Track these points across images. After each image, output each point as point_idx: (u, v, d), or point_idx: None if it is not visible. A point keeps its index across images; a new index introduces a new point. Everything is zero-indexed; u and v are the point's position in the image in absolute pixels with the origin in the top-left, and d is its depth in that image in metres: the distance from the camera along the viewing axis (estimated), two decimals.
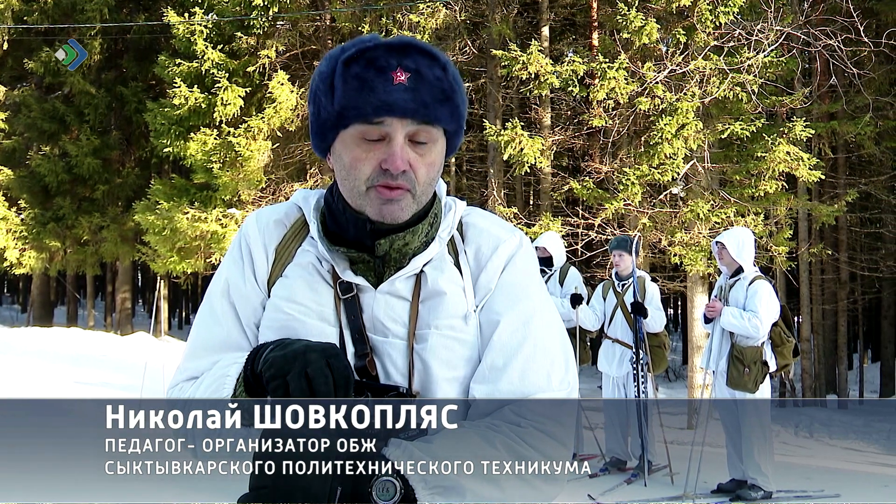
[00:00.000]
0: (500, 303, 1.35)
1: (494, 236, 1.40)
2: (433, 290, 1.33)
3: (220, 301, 1.38)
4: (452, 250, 1.38)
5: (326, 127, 1.29)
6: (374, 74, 1.24)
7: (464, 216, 1.42)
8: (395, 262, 1.33)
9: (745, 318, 6.19)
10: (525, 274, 1.39)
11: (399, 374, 1.30)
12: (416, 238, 1.32)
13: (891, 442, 10.06)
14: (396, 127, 1.24)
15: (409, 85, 1.24)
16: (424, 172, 1.28)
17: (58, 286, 26.89)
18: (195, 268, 14.97)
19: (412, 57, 1.26)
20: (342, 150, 1.29)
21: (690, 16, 10.59)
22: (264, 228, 1.40)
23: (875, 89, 12.29)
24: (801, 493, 6.65)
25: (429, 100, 1.25)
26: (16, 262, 20.34)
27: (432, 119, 1.27)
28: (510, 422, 1.24)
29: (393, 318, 1.31)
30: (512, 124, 10.67)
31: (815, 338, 15.46)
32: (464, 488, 1.17)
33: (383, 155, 1.25)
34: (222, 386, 1.25)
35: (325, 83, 1.28)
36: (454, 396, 1.30)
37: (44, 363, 11.50)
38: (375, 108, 1.23)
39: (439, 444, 1.18)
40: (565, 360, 1.35)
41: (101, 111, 20.27)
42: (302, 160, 14.76)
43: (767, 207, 11.16)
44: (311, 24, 14.72)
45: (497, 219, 1.46)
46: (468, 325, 1.33)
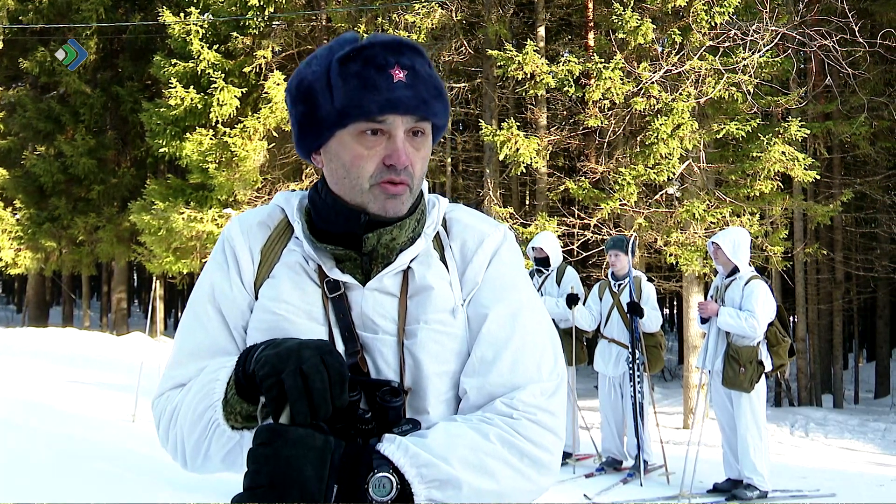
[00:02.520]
0: (488, 296, 1.36)
1: (479, 231, 1.42)
2: (421, 286, 1.33)
3: (204, 307, 1.37)
4: (438, 246, 1.40)
5: (324, 125, 1.29)
6: (375, 72, 1.25)
7: (447, 212, 1.45)
8: (383, 259, 1.34)
9: (741, 318, 6.20)
10: (511, 267, 1.41)
11: (390, 370, 1.30)
12: (403, 233, 1.33)
13: (886, 441, 10.09)
14: (398, 124, 1.26)
15: (407, 82, 1.26)
16: (420, 167, 1.31)
17: (53, 286, 26.81)
18: (191, 268, 14.95)
19: (407, 55, 1.28)
20: (340, 148, 1.29)
21: (686, 16, 10.61)
22: (248, 231, 1.40)
23: (870, 90, 12.32)
24: (797, 492, 6.66)
25: (426, 96, 1.28)
26: (11, 263, 20.32)
27: (429, 114, 1.29)
28: (503, 414, 1.24)
29: (382, 314, 1.32)
30: (508, 124, 10.66)
31: (810, 337, 15.50)
32: (460, 482, 1.17)
33: (385, 151, 1.27)
34: (212, 391, 1.23)
35: (320, 82, 1.28)
36: (445, 390, 1.31)
37: (39, 363, 11.47)
38: (380, 106, 1.24)
39: (434, 439, 1.18)
40: (553, 351, 1.36)
41: (97, 111, 20.25)
42: (297, 160, 14.76)
43: (763, 207, 11.18)
44: (306, 25, 14.72)
45: (480, 214, 1.48)
46: (456, 320, 1.33)
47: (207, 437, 1.24)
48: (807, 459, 8.62)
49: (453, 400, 1.32)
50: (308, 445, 1.07)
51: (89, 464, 5.70)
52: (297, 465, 1.06)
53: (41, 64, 19.75)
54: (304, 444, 1.07)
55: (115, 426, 7.55)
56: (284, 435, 1.08)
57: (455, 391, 1.32)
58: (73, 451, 6.08)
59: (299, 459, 1.06)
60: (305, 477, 1.06)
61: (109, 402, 8.73)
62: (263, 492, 1.05)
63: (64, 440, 6.45)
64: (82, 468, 5.53)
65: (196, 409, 1.25)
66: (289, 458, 1.06)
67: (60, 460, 5.71)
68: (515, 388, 1.27)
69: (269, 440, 1.08)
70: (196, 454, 1.28)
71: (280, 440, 1.07)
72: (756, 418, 6.32)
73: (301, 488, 1.05)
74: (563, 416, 1.31)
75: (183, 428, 1.28)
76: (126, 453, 6.23)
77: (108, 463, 5.82)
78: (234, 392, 1.21)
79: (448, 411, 1.31)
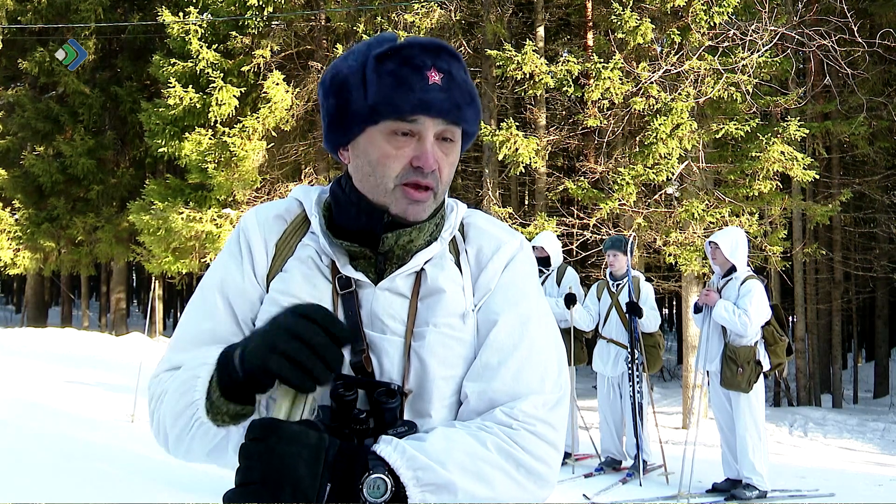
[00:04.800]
0: (499, 303, 1.35)
1: (496, 238, 1.42)
2: (433, 288, 1.33)
3: (212, 294, 1.36)
4: (453, 250, 1.40)
5: (355, 121, 1.29)
6: (410, 72, 1.25)
7: (465, 217, 1.45)
8: (398, 259, 1.34)
9: (735, 314, 6.22)
10: (524, 276, 1.41)
11: (395, 370, 1.29)
12: (421, 235, 1.33)
13: (885, 441, 10.09)
14: (428, 126, 1.26)
15: (442, 85, 1.26)
16: (447, 172, 1.32)
17: (52, 287, 26.79)
18: (190, 268, 14.94)
19: (444, 58, 1.28)
20: (368, 145, 1.29)
21: (685, 16, 10.61)
22: (264, 223, 1.40)
23: (869, 89, 12.33)
24: (796, 492, 6.67)
25: (460, 101, 1.28)
26: (10, 263, 20.30)
27: (460, 120, 1.29)
28: (502, 423, 1.23)
29: (392, 314, 1.31)
30: (507, 124, 10.66)
31: (809, 337, 15.50)
32: (456, 487, 1.15)
33: (413, 152, 1.27)
34: (192, 388, 1.21)
35: (355, 77, 1.28)
36: (449, 395, 1.30)
37: (38, 364, 11.47)
38: (413, 106, 1.24)
39: (431, 443, 1.17)
40: (559, 364, 1.35)
41: (96, 111, 20.23)
42: (297, 160, 14.76)
43: (762, 207, 11.18)
44: (305, 24, 14.70)
45: (498, 221, 1.48)
46: (466, 325, 1.33)
47: (190, 433, 1.22)
48: (806, 459, 8.62)
49: (456, 405, 1.31)
50: (302, 442, 1.05)
51: (88, 464, 5.70)
52: (290, 463, 1.03)
53: (40, 64, 19.73)
54: (297, 441, 1.05)
55: (114, 426, 7.55)
56: (278, 431, 1.05)
57: (458, 396, 1.31)
58: (71, 451, 6.08)
59: (293, 457, 1.04)
60: (299, 475, 1.04)
61: (108, 403, 8.73)
62: (255, 489, 1.03)
63: (62, 440, 6.45)
64: (81, 468, 5.53)
65: (177, 403, 1.23)
66: (282, 455, 1.03)
67: (59, 461, 5.70)
68: (517, 398, 1.26)
69: (262, 435, 1.05)
70: (178, 445, 1.27)
71: (274, 436, 1.04)
72: (755, 418, 6.33)
73: (294, 486, 1.03)
74: (563, 430, 1.30)
75: (165, 419, 1.26)
76: (125, 454, 6.23)
77: (106, 463, 5.82)
78: (220, 395, 1.18)
79: (450, 416, 1.30)
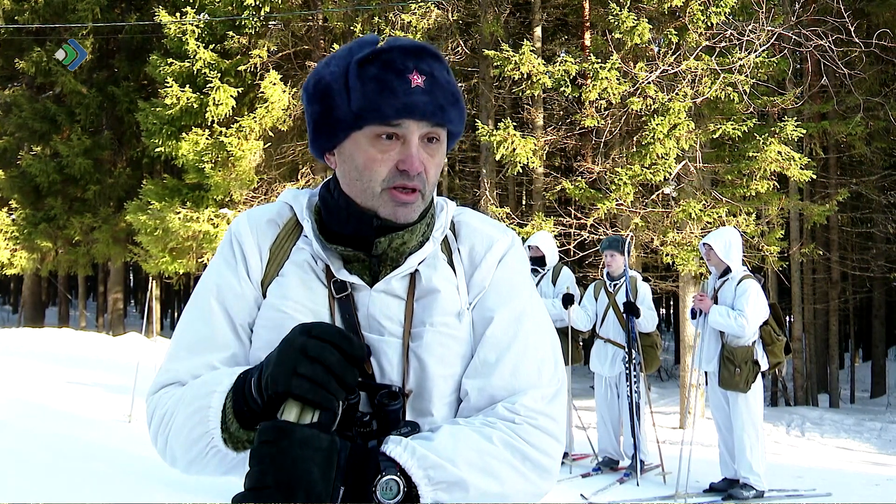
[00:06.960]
0: (494, 300, 1.37)
1: (488, 235, 1.43)
2: (427, 288, 1.34)
3: (208, 301, 1.35)
4: (446, 249, 1.41)
5: (340, 127, 1.29)
6: (393, 77, 1.25)
7: (456, 215, 1.46)
8: (392, 262, 1.34)
9: (731, 317, 6.23)
10: (517, 272, 1.42)
11: (394, 371, 1.30)
12: (413, 237, 1.34)
13: (882, 441, 10.11)
14: (413, 129, 1.27)
15: (425, 87, 1.26)
16: (434, 173, 1.32)
17: (49, 287, 26.78)
18: (187, 268, 14.94)
19: (426, 60, 1.28)
20: (354, 150, 1.29)
21: (682, 16, 10.62)
22: (256, 228, 1.39)
23: (866, 89, 12.34)
24: (793, 491, 6.68)
25: (443, 102, 1.28)
26: (7, 263, 20.28)
27: (445, 121, 1.30)
28: (505, 418, 1.25)
29: (388, 316, 1.32)
30: (504, 124, 10.66)
31: (806, 337, 15.51)
32: (466, 483, 1.17)
33: (399, 156, 1.27)
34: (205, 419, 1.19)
35: (338, 83, 1.28)
36: (449, 393, 1.31)
37: (35, 364, 11.45)
38: (397, 110, 1.24)
39: (439, 441, 1.18)
40: (554, 357, 1.37)
41: (93, 111, 20.21)
42: (294, 160, 14.74)
43: (759, 207, 11.19)
44: (303, 24, 14.69)
45: (489, 219, 1.49)
46: (462, 323, 1.34)
47: (206, 458, 1.22)
48: (803, 459, 8.63)
49: (456, 402, 1.32)
50: (314, 446, 1.04)
51: (86, 464, 5.70)
52: (303, 466, 1.03)
53: (37, 64, 19.71)
54: (310, 445, 1.04)
55: (112, 426, 7.54)
56: (290, 434, 1.04)
57: (458, 394, 1.32)
58: (69, 451, 6.07)
59: (306, 460, 1.03)
60: (312, 478, 1.03)
61: (106, 403, 8.72)
62: (269, 493, 1.02)
63: (60, 440, 6.44)
64: (78, 468, 5.52)
65: (192, 432, 1.21)
66: (295, 459, 1.03)
67: (57, 461, 5.70)
68: (516, 392, 1.28)
69: (274, 439, 1.04)
70: (191, 467, 1.26)
71: (286, 440, 1.04)
72: (753, 418, 6.34)
73: (307, 490, 1.02)
74: (563, 421, 1.32)
75: (176, 446, 1.25)
76: (122, 454, 6.22)
77: (104, 463, 5.82)
78: (238, 426, 1.17)
79: (451, 414, 1.31)
